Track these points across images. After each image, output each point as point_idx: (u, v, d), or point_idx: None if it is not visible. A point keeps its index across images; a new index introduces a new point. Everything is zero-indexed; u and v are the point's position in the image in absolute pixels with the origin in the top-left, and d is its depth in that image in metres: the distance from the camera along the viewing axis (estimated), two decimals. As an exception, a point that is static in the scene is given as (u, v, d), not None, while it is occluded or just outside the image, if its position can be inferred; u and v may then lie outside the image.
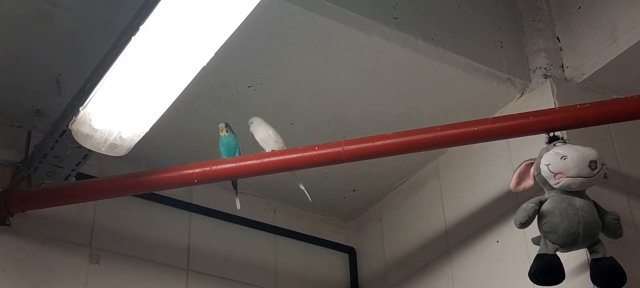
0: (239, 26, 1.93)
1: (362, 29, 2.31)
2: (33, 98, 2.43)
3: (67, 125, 2.11)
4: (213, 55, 1.97)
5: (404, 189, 2.87)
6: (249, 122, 2.30)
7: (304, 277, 2.87)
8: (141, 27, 1.87)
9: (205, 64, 1.99)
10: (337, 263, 2.96)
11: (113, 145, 2.11)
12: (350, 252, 2.99)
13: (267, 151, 2.24)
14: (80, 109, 2.05)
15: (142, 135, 2.13)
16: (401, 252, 2.80)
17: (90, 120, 2.06)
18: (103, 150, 2.13)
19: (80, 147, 2.17)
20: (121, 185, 2.27)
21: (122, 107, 2.05)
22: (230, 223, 2.77)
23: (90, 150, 2.19)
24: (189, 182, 2.22)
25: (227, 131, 2.27)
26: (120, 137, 2.10)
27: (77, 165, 2.34)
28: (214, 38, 1.93)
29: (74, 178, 2.38)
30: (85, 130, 2.08)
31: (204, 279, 2.63)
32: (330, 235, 2.99)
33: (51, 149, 2.28)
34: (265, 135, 2.26)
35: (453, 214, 2.63)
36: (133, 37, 1.90)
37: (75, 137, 2.11)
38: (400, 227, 2.84)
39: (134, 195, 2.54)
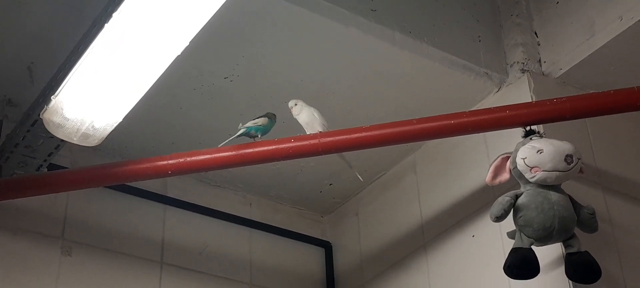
0: (215, 15, 1.91)
1: (339, 20, 2.29)
2: (5, 87, 2.40)
3: (39, 115, 2.08)
4: (188, 44, 1.94)
5: (380, 183, 2.86)
6: (292, 105, 2.23)
7: (280, 272, 2.85)
8: (114, 14, 1.84)
9: (179, 53, 1.96)
10: (313, 258, 2.94)
11: (85, 135, 2.08)
12: (327, 247, 2.97)
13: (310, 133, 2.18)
14: (51, 97, 2.02)
15: (116, 125, 2.10)
16: (377, 246, 2.79)
17: (62, 109, 2.03)
18: (75, 140, 2.10)
19: (52, 136, 2.14)
20: (94, 176, 2.24)
21: (95, 96, 2.02)
22: (206, 216, 2.75)
23: (62, 141, 2.16)
24: (163, 173, 2.19)
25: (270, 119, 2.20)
26: (93, 126, 2.07)
27: (49, 155, 2.30)
28: (188, 26, 1.91)
29: (46, 169, 2.35)
30: (57, 119, 2.05)
31: (178, 273, 2.60)
32: (306, 229, 2.97)
33: (23, 139, 2.24)
34: (310, 118, 2.22)
35: (429, 208, 2.62)
36: (106, 25, 1.87)
37: (47, 127, 2.08)
38: (377, 221, 2.83)
39: (107, 187, 2.51)
